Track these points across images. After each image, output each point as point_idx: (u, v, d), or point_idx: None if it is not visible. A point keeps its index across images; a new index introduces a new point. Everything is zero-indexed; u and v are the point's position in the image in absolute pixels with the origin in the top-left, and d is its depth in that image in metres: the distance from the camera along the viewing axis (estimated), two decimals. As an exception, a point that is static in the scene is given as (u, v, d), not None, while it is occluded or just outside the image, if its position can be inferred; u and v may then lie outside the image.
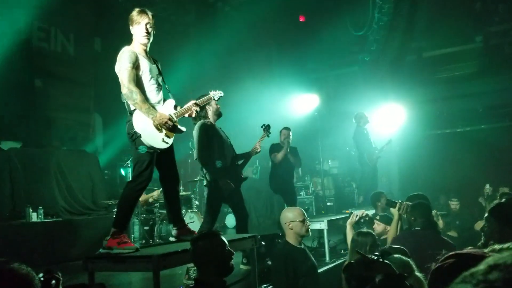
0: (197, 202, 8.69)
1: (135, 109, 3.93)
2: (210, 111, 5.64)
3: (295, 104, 11.64)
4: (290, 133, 7.61)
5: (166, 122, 3.95)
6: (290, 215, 4.33)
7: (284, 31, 11.45)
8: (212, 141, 5.57)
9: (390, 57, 11.97)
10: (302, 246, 4.42)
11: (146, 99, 3.98)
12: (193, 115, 4.35)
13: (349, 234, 5.57)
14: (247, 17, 11.00)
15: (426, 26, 11.36)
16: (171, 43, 10.66)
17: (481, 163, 10.45)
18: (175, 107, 4.25)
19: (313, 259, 4.55)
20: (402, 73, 11.77)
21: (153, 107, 4.02)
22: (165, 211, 7.75)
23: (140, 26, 4.04)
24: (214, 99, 4.92)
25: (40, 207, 7.17)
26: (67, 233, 7.25)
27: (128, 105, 4.00)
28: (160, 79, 4.25)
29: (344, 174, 12.31)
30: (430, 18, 11.12)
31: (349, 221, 5.36)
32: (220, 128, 5.86)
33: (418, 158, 11.52)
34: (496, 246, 1.63)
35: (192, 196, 8.60)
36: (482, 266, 0.73)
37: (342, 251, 6.74)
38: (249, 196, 11.83)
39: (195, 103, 4.32)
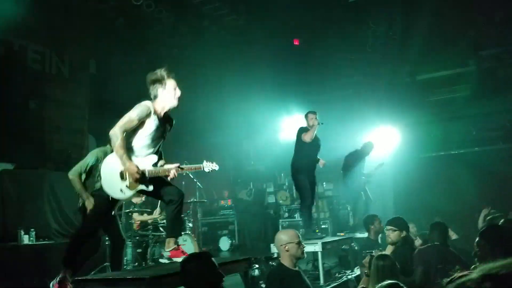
0: (190, 224, 8.63)
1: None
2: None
3: (288, 127, 11.69)
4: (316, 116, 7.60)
5: (133, 174, 4.02)
6: (285, 237, 4.31)
7: (278, 54, 11.53)
8: None
9: (384, 80, 12.08)
10: (297, 268, 4.37)
11: (133, 150, 4.11)
12: (170, 177, 4.28)
13: None
14: (241, 40, 11.10)
15: (419, 49, 11.48)
16: (167, 65, 10.71)
17: (474, 185, 10.45)
18: (155, 164, 4.26)
19: (308, 281, 4.50)
20: (396, 96, 11.85)
21: (133, 155, 4.12)
22: (158, 233, 7.74)
23: (170, 88, 4.29)
24: (203, 170, 4.57)
25: (32, 230, 7.10)
26: (59, 255, 7.12)
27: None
28: (159, 140, 4.32)
29: (339, 197, 12.26)
30: (423, 42, 11.24)
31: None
32: None
33: (412, 181, 11.50)
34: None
35: (186, 218, 8.53)
36: (474, 275, 0.73)
37: (337, 274, 6.67)
38: (243, 219, 11.79)
39: (179, 167, 4.31)
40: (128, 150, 4.11)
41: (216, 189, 12.17)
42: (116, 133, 3.99)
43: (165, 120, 4.34)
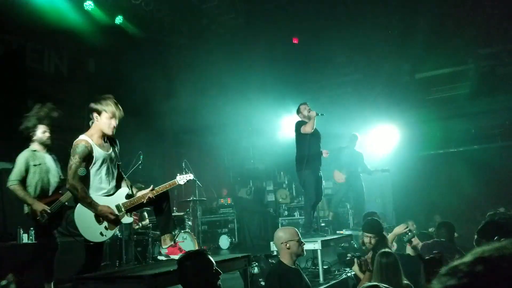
0: (190, 223, 8.63)
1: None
2: None
3: (287, 125, 11.69)
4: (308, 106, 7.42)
5: (107, 216, 4.06)
6: (286, 235, 4.30)
7: (277, 52, 11.54)
8: None
9: (383, 79, 12.09)
10: (296, 266, 4.37)
11: (97, 189, 4.12)
12: (144, 201, 4.26)
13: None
14: (240, 39, 11.10)
15: (418, 48, 11.48)
16: (164, 64, 10.73)
17: (473, 182, 10.47)
18: (128, 196, 4.28)
19: (307, 279, 4.50)
20: (395, 94, 11.86)
21: (105, 194, 4.16)
22: (157, 232, 7.73)
23: (107, 116, 4.12)
24: (178, 183, 4.54)
25: (31, 228, 7.08)
26: (58, 254, 7.14)
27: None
28: (114, 166, 4.31)
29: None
30: (422, 40, 11.25)
31: (396, 230, 5.46)
32: None
33: (412, 179, 11.52)
34: None
35: (185, 216, 8.53)
36: (467, 258, 0.73)
37: (336, 271, 6.67)
38: (242, 217, 11.80)
39: (152, 190, 4.28)
40: (93, 191, 4.13)
41: (215, 187, 12.19)
42: (73, 185, 3.97)
43: (109, 144, 4.29)
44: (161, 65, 10.73)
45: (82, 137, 4.10)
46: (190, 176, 4.59)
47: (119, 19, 9.78)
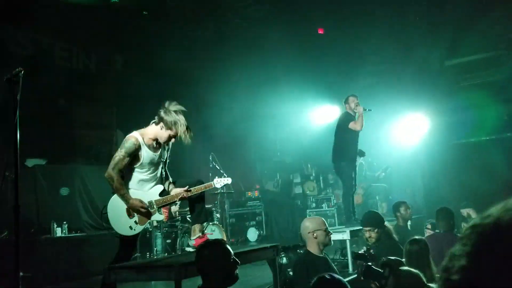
0: (218, 215, 8.68)
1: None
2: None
3: (315, 116, 11.63)
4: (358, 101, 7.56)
5: (138, 210, 4.12)
6: (313, 225, 4.29)
7: (303, 44, 11.45)
8: None
9: (412, 67, 11.86)
10: (324, 255, 4.35)
11: (137, 185, 4.20)
12: (177, 200, 4.34)
13: None
14: (265, 31, 11.05)
15: (448, 34, 11.21)
16: (190, 59, 10.78)
17: (507, 171, 10.19)
18: (162, 193, 4.32)
19: (335, 268, 4.47)
20: (425, 82, 11.63)
21: (138, 189, 4.22)
22: (186, 225, 7.82)
23: (170, 133, 4.18)
24: (215, 186, 4.61)
25: (65, 222, 7.29)
26: (91, 247, 7.33)
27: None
28: (160, 166, 4.37)
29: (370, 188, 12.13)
30: (451, 26, 10.98)
31: None
32: None
33: (442, 168, 11.30)
34: None
35: (214, 209, 8.60)
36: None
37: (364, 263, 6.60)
38: (270, 210, 11.81)
39: (187, 190, 4.29)
40: (132, 185, 4.21)
41: (242, 180, 12.21)
42: (110, 175, 4.05)
43: (159, 144, 4.33)
44: (187, 59, 10.78)
45: (134, 133, 4.17)
46: (228, 180, 4.61)
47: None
